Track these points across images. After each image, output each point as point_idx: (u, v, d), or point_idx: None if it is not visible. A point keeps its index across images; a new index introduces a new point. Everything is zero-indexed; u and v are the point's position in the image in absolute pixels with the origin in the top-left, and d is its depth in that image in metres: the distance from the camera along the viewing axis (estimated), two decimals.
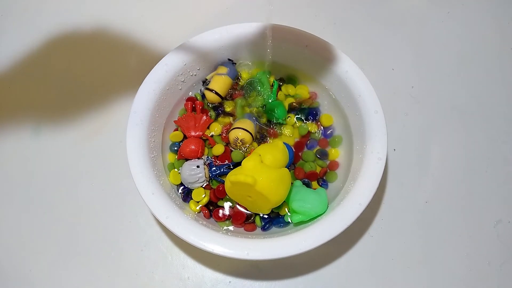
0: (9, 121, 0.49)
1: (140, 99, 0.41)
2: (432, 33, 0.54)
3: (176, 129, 0.44)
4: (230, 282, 0.41)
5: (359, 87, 0.41)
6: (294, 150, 0.43)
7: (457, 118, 0.49)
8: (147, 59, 0.44)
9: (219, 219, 0.40)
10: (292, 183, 0.41)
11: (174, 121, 0.44)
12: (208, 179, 0.41)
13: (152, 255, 0.42)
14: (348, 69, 0.42)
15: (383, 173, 0.38)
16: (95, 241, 0.43)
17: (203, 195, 0.41)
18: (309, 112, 0.45)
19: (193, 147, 0.42)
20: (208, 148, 0.43)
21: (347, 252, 0.42)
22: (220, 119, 0.45)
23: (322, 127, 0.45)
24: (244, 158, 0.39)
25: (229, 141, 0.42)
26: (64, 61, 0.52)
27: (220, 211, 0.41)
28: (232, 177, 0.36)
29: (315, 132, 0.44)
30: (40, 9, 0.55)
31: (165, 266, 0.42)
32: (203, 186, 0.41)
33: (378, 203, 0.44)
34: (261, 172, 0.36)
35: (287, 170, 0.38)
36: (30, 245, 0.43)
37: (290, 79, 0.47)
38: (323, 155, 0.43)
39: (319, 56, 0.43)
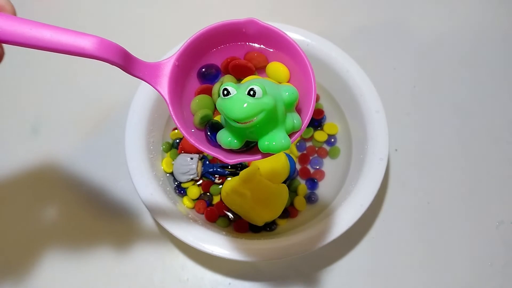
0: (8, 119, 0.49)
1: (139, 99, 0.40)
2: (434, 33, 0.54)
3: (175, 128, 0.44)
4: (230, 283, 0.41)
5: (360, 87, 0.41)
6: (296, 163, 0.42)
7: (459, 118, 0.49)
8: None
9: (211, 219, 0.40)
10: None
11: None
12: (199, 174, 0.41)
13: (151, 257, 0.42)
14: (349, 69, 0.42)
15: (385, 173, 0.37)
16: (94, 242, 0.42)
17: (200, 193, 0.41)
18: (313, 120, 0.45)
19: None
20: None
21: (348, 253, 0.42)
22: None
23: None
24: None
25: None
26: (64, 61, 0.51)
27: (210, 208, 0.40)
28: (229, 187, 0.36)
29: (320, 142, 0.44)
30: (39, 9, 0.55)
31: (164, 267, 0.41)
32: (193, 179, 0.41)
33: (380, 204, 0.44)
34: (258, 187, 0.35)
35: (285, 186, 0.38)
36: (30, 245, 0.42)
37: None
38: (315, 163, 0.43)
39: (320, 55, 0.43)
